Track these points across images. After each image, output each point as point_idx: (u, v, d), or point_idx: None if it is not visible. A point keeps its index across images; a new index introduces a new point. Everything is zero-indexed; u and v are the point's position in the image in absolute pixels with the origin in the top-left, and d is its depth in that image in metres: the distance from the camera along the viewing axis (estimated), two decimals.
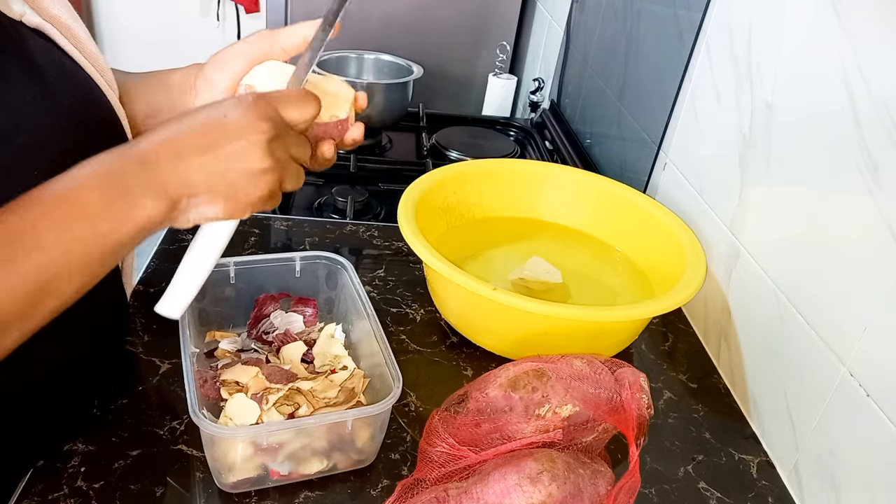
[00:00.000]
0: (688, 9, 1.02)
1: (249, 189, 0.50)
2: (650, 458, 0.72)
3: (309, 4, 1.78)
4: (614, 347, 0.82)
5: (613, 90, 1.29)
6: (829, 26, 0.71)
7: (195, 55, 2.56)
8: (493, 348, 0.82)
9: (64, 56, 0.57)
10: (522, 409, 0.61)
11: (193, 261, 0.55)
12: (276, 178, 0.51)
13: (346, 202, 1.12)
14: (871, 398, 0.62)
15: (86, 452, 0.63)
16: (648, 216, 0.94)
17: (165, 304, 0.54)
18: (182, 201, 0.49)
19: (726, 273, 0.87)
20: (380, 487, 0.64)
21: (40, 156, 0.51)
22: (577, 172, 1.04)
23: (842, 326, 0.66)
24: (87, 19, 2.72)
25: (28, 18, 0.54)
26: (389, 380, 0.63)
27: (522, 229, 1.01)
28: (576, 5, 1.54)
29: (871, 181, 0.63)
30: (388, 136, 1.46)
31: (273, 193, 0.52)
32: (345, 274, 0.76)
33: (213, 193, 0.49)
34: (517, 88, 1.83)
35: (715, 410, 0.80)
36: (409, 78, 1.41)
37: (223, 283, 0.75)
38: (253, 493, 0.62)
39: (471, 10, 1.83)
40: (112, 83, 0.62)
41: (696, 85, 0.99)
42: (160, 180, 0.47)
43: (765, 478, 0.72)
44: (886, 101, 0.62)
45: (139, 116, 0.67)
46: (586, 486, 0.55)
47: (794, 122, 0.76)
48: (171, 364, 0.74)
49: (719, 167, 0.91)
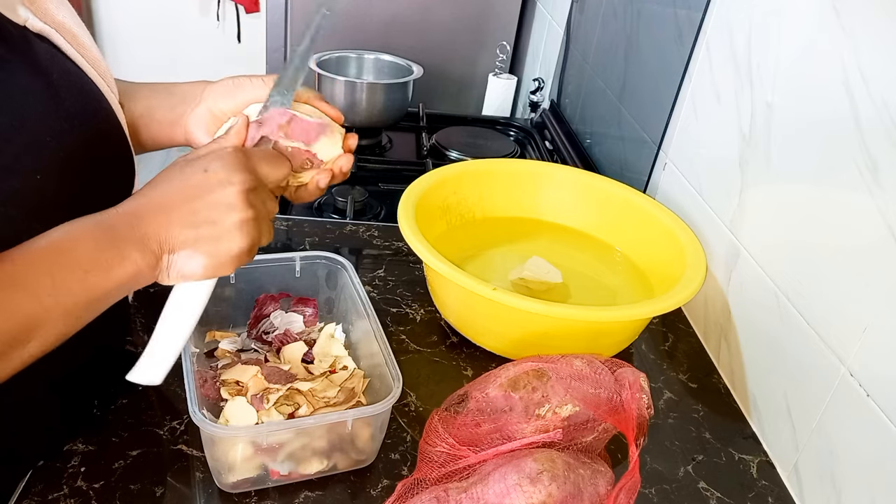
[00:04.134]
0: (688, 9, 1.02)
1: (231, 242, 0.52)
2: (650, 458, 0.72)
3: (309, 4, 1.78)
4: (614, 347, 0.82)
5: (613, 90, 1.29)
6: (829, 26, 0.71)
7: (195, 55, 2.57)
8: (493, 348, 0.82)
9: (67, 61, 0.57)
10: (522, 409, 0.61)
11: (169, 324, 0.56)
12: (256, 229, 0.54)
13: (346, 202, 1.12)
14: (871, 398, 0.62)
15: (86, 452, 0.63)
16: (648, 216, 0.94)
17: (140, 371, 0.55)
18: (164, 258, 0.51)
19: (726, 273, 0.87)
20: (380, 487, 0.64)
21: (42, 158, 0.51)
22: (577, 172, 1.04)
23: (842, 326, 0.66)
24: (86, 19, 2.72)
25: (32, 23, 0.54)
26: (389, 380, 0.63)
27: (522, 229, 1.01)
28: (576, 5, 1.54)
29: (871, 181, 0.63)
30: (388, 136, 1.46)
31: (252, 246, 0.54)
32: (345, 274, 0.76)
33: (193, 248, 0.51)
34: (517, 88, 1.83)
35: (715, 410, 0.80)
36: (409, 78, 1.41)
37: (223, 283, 0.75)
38: (253, 493, 0.62)
39: (471, 10, 1.83)
40: (113, 87, 0.63)
41: (696, 85, 0.99)
42: (146, 235, 0.50)
43: (765, 478, 0.72)
44: (886, 101, 0.62)
45: (135, 116, 0.68)
46: (586, 486, 0.55)
47: (795, 122, 0.76)
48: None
49: (719, 167, 0.91)
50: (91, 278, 0.48)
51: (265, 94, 0.65)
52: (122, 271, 0.49)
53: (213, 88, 0.67)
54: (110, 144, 0.61)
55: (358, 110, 1.36)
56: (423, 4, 1.80)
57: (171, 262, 0.51)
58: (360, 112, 1.36)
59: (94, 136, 0.57)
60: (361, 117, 1.37)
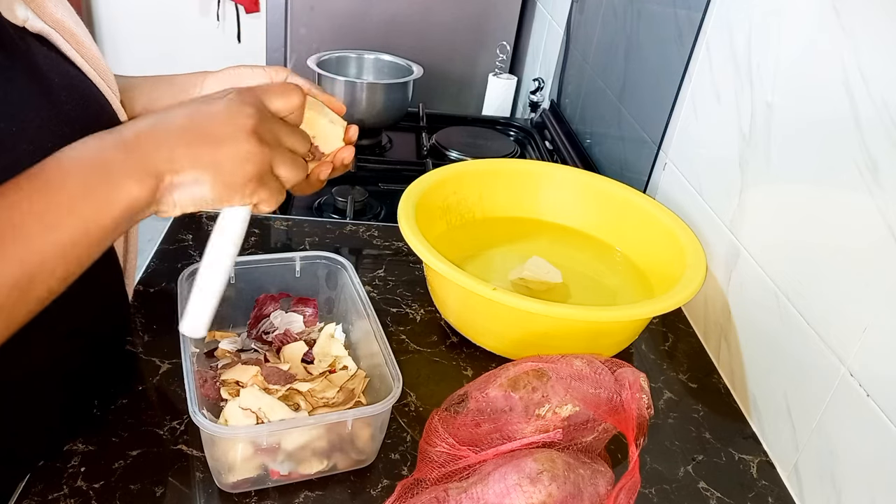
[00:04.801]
0: (688, 9, 1.02)
1: (236, 169, 0.49)
2: (650, 458, 0.72)
3: (309, 4, 1.78)
4: (614, 347, 0.82)
5: (613, 90, 1.29)
6: (829, 26, 0.71)
7: (195, 55, 2.57)
8: (493, 348, 0.82)
9: (67, 63, 0.57)
10: (522, 409, 0.61)
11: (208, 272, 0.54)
12: (264, 160, 0.50)
13: (346, 202, 1.12)
14: (871, 398, 0.62)
15: (86, 452, 0.63)
16: (648, 216, 0.94)
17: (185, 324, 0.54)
18: (166, 178, 0.48)
19: (726, 273, 0.87)
20: (380, 487, 0.64)
21: (42, 158, 0.51)
22: (577, 172, 1.04)
23: (842, 326, 0.66)
24: (86, 19, 2.72)
25: (31, 24, 0.54)
26: (389, 380, 0.63)
27: (522, 229, 1.01)
28: (576, 5, 1.54)
29: (871, 181, 0.63)
30: (388, 136, 1.46)
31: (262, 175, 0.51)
32: (345, 274, 0.76)
33: (199, 171, 0.48)
34: (517, 88, 1.83)
35: (715, 410, 0.80)
36: (409, 78, 1.41)
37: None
38: (253, 493, 0.62)
39: (471, 10, 1.83)
40: (114, 87, 0.63)
41: (696, 85, 0.99)
42: (143, 161, 0.47)
43: (765, 478, 0.72)
44: (886, 101, 0.62)
45: (137, 110, 0.68)
46: (586, 486, 0.55)
47: (795, 122, 0.76)
48: (171, 364, 0.74)
49: (719, 167, 0.91)
50: (85, 213, 0.45)
51: (264, 83, 0.64)
52: (118, 202, 0.46)
53: (214, 78, 0.67)
54: None
55: (358, 110, 1.36)
56: (423, 4, 1.81)
57: (174, 185, 0.48)
58: (360, 112, 1.36)
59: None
60: (361, 117, 1.37)
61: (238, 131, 0.49)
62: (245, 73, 0.66)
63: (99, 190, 0.46)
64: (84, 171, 0.46)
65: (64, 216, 0.45)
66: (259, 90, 0.53)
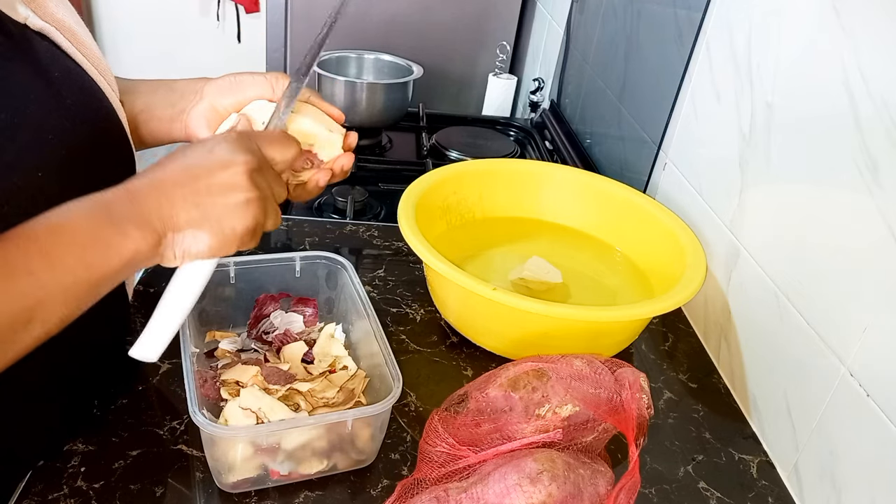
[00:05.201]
0: (688, 9, 1.02)
1: (235, 221, 0.52)
2: (650, 458, 0.72)
3: (309, 4, 1.78)
4: (614, 347, 0.82)
5: (613, 90, 1.29)
6: (829, 26, 0.71)
7: (195, 54, 2.57)
8: (493, 348, 0.82)
9: (67, 59, 0.57)
10: (522, 409, 0.61)
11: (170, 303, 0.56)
12: (260, 210, 0.53)
13: (346, 202, 1.12)
14: (871, 398, 0.62)
15: (86, 452, 0.63)
16: (648, 216, 0.94)
17: (140, 347, 0.55)
18: (167, 235, 0.50)
19: (726, 273, 0.87)
20: (380, 487, 0.64)
21: (43, 154, 0.51)
22: (577, 172, 1.04)
23: (842, 326, 0.66)
24: (87, 19, 2.72)
25: (32, 21, 0.54)
26: (389, 380, 0.63)
27: (522, 229, 1.01)
28: (576, 5, 1.54)
29: (871, 181, 0.63)
30: (388, 136, 1.46)
31: (256, 227, 0.53)
32: (345, 274, 0.76)
33: (198, 227, 0.51)
34: (517, 88, 1.83)
35: (715, 410, 0.80)
36: (409, 78, 1.41)
37: (223, 283, 0.75)
38: (253, 493, 0.62)
39: (471, 10, 1.83)
40: (113, 85, 0.63)
41: (696, 85, 0.99)
42: (146, 213, 0.49)
43: (765, 478, 0.72)
44: (886, 100, 0.62)
45: (135, 111, 0.68)
46: (586, 486, 0.55)
47: (794, 122, 0.76)
48: (171, 364, 0.74)
49: (719, 167, 0.91)
50: (89, 256, 0.47)
51: (265, 90, 0.65)
52: (121, 249, 0.48)
53: (214, 84, 0.67)
54: (111, 142, 0.61)
55: (358, 110, 1.36)
56: (423, 4, 1.80)
57: (175, 241, 0.51)
58: (360, 112, 1.36)
59: (95, 133, 0.58)
60: (361, 117, 1.37)
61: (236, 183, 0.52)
62: (245, 80, 0.66)
63: (104, 235, 0.48)
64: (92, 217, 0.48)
65: (70, 259, 0.46)
66: (259, 137, 0.56)
